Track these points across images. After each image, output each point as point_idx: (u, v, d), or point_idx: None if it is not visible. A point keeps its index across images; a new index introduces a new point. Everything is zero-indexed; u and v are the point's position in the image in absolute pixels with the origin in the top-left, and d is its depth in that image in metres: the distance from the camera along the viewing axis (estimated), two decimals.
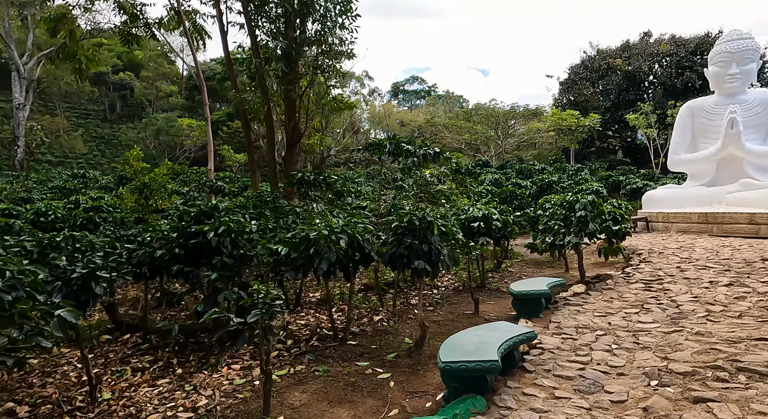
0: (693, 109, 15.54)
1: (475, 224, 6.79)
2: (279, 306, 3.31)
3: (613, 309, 5.31)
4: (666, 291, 5.81)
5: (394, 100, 73.38)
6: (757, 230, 12.12)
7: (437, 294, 7.14)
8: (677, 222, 13.66)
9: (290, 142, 11.75)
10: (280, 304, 3.37)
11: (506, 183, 18.99)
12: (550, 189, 14.72)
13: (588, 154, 34.94)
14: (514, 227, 7.23)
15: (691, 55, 29.05)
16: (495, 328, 3.84)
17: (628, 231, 6.89)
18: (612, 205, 10.26)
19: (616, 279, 6.76)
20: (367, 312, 6.13)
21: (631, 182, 20.02)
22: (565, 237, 6.92)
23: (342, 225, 4.69)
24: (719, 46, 14.76)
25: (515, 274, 8.71)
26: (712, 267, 6.90)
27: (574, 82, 35.26)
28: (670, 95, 28.01)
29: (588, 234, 6.75)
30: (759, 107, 14.23)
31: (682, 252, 9.13)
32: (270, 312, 3.18)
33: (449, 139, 35.57)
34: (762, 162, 14.19)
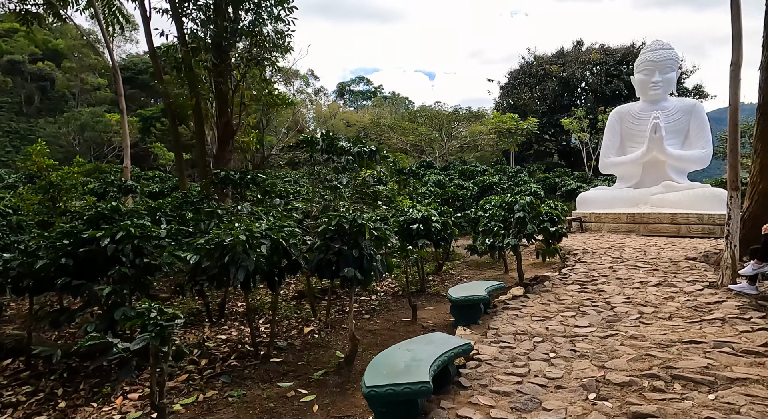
0: (621, 114, 16.39)
1: (414, 226, 6.52)
2: (177, 325, 2.80)
3: (550, 312, 5.21)
4: (600, 293, 5.83)
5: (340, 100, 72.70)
6: (678, 229, 12.90)
7: (375, 301, 6.80)
8: (608, 222, 14.28)
9: (222, 139, 10.96)
10: (179, 323, 2.86)
11: (449, 184, 19.13)
12: (491, 190, 14.91)
13: (527, 157, 36.29)
14: (454, 229, 7.05)
15: (618, 64, 30.98)
16: (429, 341, 3.53)
17: (565, 232, 6.91)
18: (549, 206, 10.46)
19: (553, 281, 6.75)
20: (297, 322, 5.66)
21: (566, 184, 20.89)
22: (504, 239, 6.83)
23: (265, 229, 4.21)
24: (644, 55, 15.66)
25: (456, 277, 8.57)
26: (642, 267, 7.08)
27: (513, 87, 36.50)
28: (600, 101, 29.70)
29: (526, 235, 6.70)
30: (679, 114, 15.23)
31: (613, 252, 9.42)
32: (162, 335, 2.66)
33: (394, 139, 35.53)
34: (681, 165, 15.21)
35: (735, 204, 5.45)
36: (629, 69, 29.93)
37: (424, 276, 7.36)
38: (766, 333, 3.79)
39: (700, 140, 15.03)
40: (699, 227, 12.68)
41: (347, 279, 3.84)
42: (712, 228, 12.64)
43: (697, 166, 15.36)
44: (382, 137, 36.07)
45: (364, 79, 79.36)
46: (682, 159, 14.94)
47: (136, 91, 47.38)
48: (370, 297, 7.03)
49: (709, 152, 14.99)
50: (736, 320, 4.20)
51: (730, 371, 3.08)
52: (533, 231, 6.57)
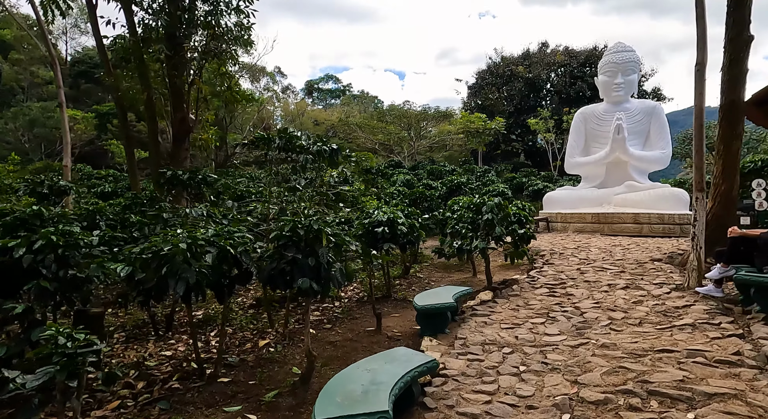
0: (585, 115, 16.65)
1: (379, 229, 6.21)
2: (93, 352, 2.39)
3: (519, 319, 5.02)
4: (569, 297, 5.70)
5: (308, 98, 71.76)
6: (640, 229, 13.15)
7: (338, 308, 6.46)
8: (574, 222, 14.43)
9: (177, 137, 10.33)
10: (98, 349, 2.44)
11: (417, 184, 18.96)
12: (459, 190, 14.81)
13: (494, 156, 36.72)
14: (421, 232, 6.79)
15: (582, 66, 31.75)
16: (391, 359, 3.23)
17: (533, 234, 6.77)
18: (517, 207, 10.39)
19: (521, 284, 6.60)
20: (253, 335, 5.25)
21: (533, 184, 21.12)
22: (472, 242, 6.63)
23: (211, 235, 3.81)
24: (607, 57, 15.95)
25: (423, 280, 8.33)
26: (609, 269, 7.04)
27: (481, 87, 36.84)
28: (565, 103, 30.34)
29: (495, 238, 6.51)
30: (640, 115, 15.59)
31: (580, 253, 9.43)
32: (72, 367, 2.24)
33: (363, 138, 35.20)
34: (642, 165, 15.57)
35: (701, 205, 5.42)
36: (592, 71, 30.71)
37: (389, 280, 7.07)
38: (737, 340, 3.69)
39: (660, 141, 15.43)
40: (660, 227, 12.96)
41: (302, 290, 3.49)
42: (672, 227, 12.95)
43: (657, 167, 15.77)
44: (350, 136, 35.64)
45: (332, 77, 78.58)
46: (644, 159, 15.30)
47: (91, 86, 44.99)
48: (333, 305, 6.68)
49: (668, 153, 15.42)
50: (706, 326, 4.11)
51: (706, 384, 2.93)
52: (502, 234, 6.39)
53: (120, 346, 5.08)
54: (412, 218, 8.23)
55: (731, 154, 6.22)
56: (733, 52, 6.13)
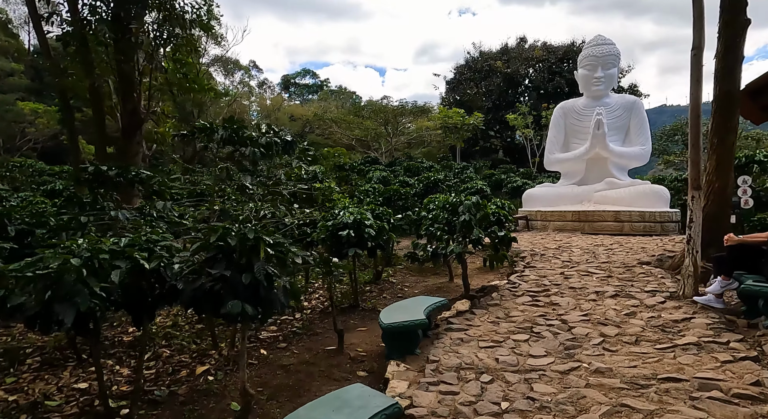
0: (565, 110, 16.29)
1: (344, 233, 5.53)
2: None
3: (500, 334, 4.43)
4: (554, 307, 5.15)
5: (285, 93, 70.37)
6: (621, 227, 12.83)
7: (298, 321, 5.76)
8: (554, 220, 14.05)
9: (127, 129, 9.41)
10: None
11: (394, 181, 18.33)
12: (436, 187, 14.25)
13: (473, 153, 36.39)
14: (392, 235, 6.14)
15: (560, 61, 31.64)
16: (341, 404, 2.57)
17: (514, 237, 6.20)
18: (496, 205, 9.85)
19: (501, 292, 6.03)
20: (192, 358, 4.50)
21: (512, 181, 20.76)
22: (448, 245, 6.02)
23: (125, 245, 3.07)
24: (587, 50, 15.60)
25: (396, 286, 7.70)
26: (594, 273, 6.54)
27: (459, 82, 36.43)
28: (543, 98, 30.17)
29: (472, 241, 5.91)
30: (620, 110, 15.29)
31: (562, 254, 8.96)
32: None
33: (339, 134, 34.36)
34: (622, 162, 15.30)
35: (697, 205, 4.92)
36: (570, 67, 30.63)
37: (357, 288, 6.39)
38: (752, 365, 3.16)
39: (640, 137, 15.18)
40: (641, 225, 12.67)
41: (231, 316, 2.79)
42: (653, 225, 12.68)
43: (637, 163, 15.54)
44: (326, 132, 34.76)
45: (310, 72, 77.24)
46: (624, 156, 15.02)
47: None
48: (293, 317, 5.96)
49: (648, 149, 15.19)
50: (713, 346, 3.58)
51: None
52: (480, 236, 5.79)
53: (30, 375, 4.27)
54: (383, 219, 7.60)
55: (725, 148, 5.77)
56: (728, 38, 5.66)
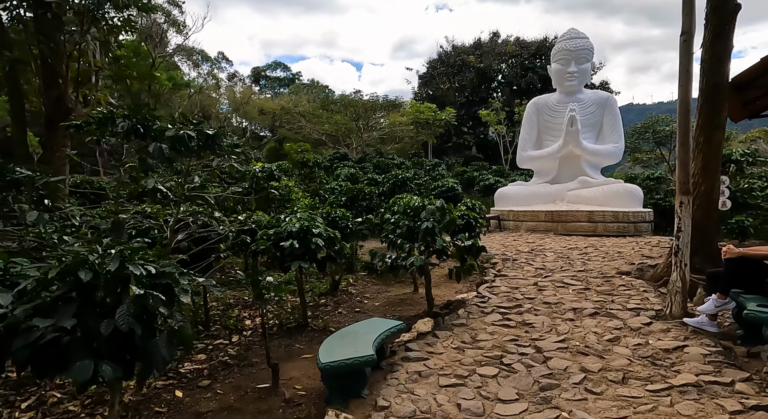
0: (538, 106, 15.87)
1: (286, 243, 4.74)
2: None
3: (464, 367, 3.76)
4: (527, 329, 4.51)
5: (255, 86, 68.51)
6: (594, 228, 12.46)
7: (234, 346, 4.94)
8: (527, 220, 13.59)
9: (51, 120, 8.28)
10: None
11: (363, 178, 17.56)
12: (405, 186, 13.56)
13: (445, 149, 35.95)
14: (344, 244, 5.38)
15: (533, 57, 31.46)
16: None
17: (483, 246, 5.55)
18: (466, 206, 9.21)
19: (469, 308, 5.37)
20: (82, 407, 3.64)
21: (485, 178, 20.31)
22: (409, 255, 5.31)
23: None
24: (560, 44, 15.18)
25: (355, 298, 6.96)
26: (571, 284, 5.96)
27: (432, 77, 35.86)
28: (517, 94, 29.92)
29: (436, 251, 5.22)
30: (593, 107, 14.95)
31: (535, 258, 8.42)
32: None
33: (309, 129, 33.25)
34: (596, 160, 14.98)
35: (686, 212, 4.35)
36: (543, 62, 30.48)
37: (305, 305, 5.61)
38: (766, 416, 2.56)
39: (613, 134, 14.89)
40: (615, 225, 12.33)
41: (79, 382, 1.98)
42: (626, 226, 12.36)
43: (610, 161, 15.27)
44: (295, 126, 33.58)
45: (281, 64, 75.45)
46: (597, 154, 14.70)
47: None
48: (229, 340, 5.14)
49: (621, 147, 14.92)
50: (716, 387, 2.98)
51: None
52: (444, 246, 5.11)
53: None
54: (340, 224, 6.84)
55: (712, 147, 5.26)
56: (717, 25, 5.14)
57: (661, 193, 15.79)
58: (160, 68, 23.43)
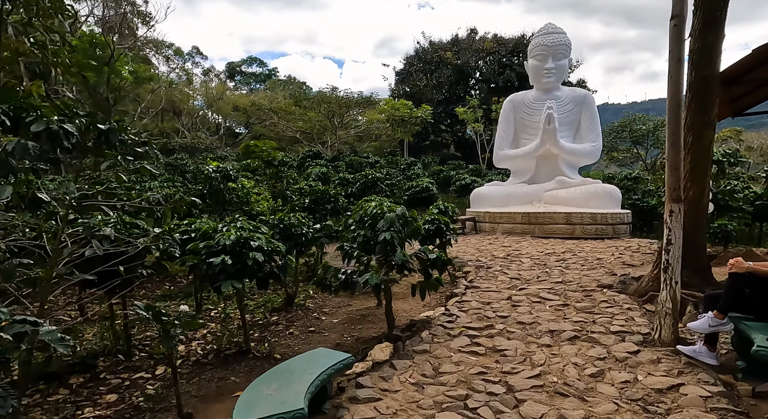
0: (515, 103, 15.40)
1: (216, 259, 4.02)
2: None
3: (423, 411, 3.12)
4: (498, 358, 3.91)
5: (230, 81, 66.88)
6: (572, 230, 12.05)
7: (157, 380, 4.20)
8: (503, 222, 13.10)
9: None
10: None
11: (335, 177, 16.83)
12: (375, 186, 12.88)
13: (423, 148, 35.42)
14: (290, 258, 4.68)
15: (511, 54, 31.17)
16: None
17: (449, 258, 4.93)
18: (438, 209, 8.61)
19: (434, 329, 4.75)
20: None
21: (461, 178, 19.82)
22: (367, 269, 4.65)
23: None
24: (537, 39, 14.74)
25: (311, 314, 6.27)
26: (548, 300, 5.40)
27: (409, 73, 35.25)
28: (494, 92, 29.58)
29: (397, 266, 4.57)
30: (571, 104, 14.57)
31: (510, 265, 7.88)
32: None
33: (282, 126, 32.21)
34: (573, 159, 14.60)
35: (677, 222, 3.81)
36: (521, 60, 30.20)
37: (247, 329, 4.89)
38: None
39: (591, 133, 14.53)
40: (593, 227, 11.94)
41: None
42: (605, 228, 11.99)
43: (588, 161, 14.92)
44: (267, 123, 32.51)
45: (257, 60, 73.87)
46: (575, 153, 14.32)
47: None
48: (152, 374, 4.38)
49: (599, 146, 14.58)
50: None
51: None
52: (405, 260, 4.46)
53: None
54: (296, 229, 6.13)
55: (702, 148, 4.75)
56: (707, 11, 4.63)
57: (638, 193, 15.55)
58: (121, 60, 22.12)
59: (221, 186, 9.22)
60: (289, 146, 37.31)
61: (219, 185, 9.13)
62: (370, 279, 4.25)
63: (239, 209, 9.32)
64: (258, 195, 10.63)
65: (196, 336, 5.45)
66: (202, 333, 5.58)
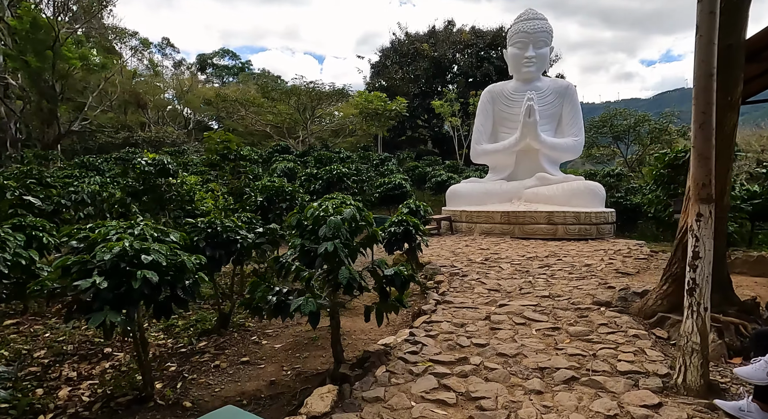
0: (493, 95, 14.54)
1: (86, 282, 2.90)
2: None
3: None
4: (473, 413, 2.92)
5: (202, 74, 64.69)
6: (555, 231, 11.25)
7: None
8: (481, 222, 12.22)
9: None
10: None
11: (301, 173, 15.66)
12: (341, 183, 11.78)
13: (400, 143, 34.46)
14: (201, 275, 3.58)
15: (489, 47, 30.43)
16: None
17: (412, 275, 3.92)
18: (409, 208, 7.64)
19: (393, 365, 3.75)
20: None
21: (437, 174, 18.90)
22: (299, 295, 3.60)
23: None
24: (516, 26, 13.88)
25: (249, 337, 5.19)
26: (534, 321, 4.45)
27: (384, 66, 34.18)
28: (472, 86, 28.78)
29: (344, 286, 3.52)
30: (552, 96, 13.79)
31: (489, 273, 6.96)
32: None
33: (251, 120, 30.69)
34: (555, 154, 13.84)
35: (706, 229, 2.90)
36: (499, 53, 29.50)
37: (148, 368, 3.77)
38: None
39: (573, 127, 13.78)
40: (576, 227, 11.16)
41: None
42: (588, 227, 11.23)
43: (570, 156, 14.20)
44: (235, 116, 30.93)
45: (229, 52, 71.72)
46: (556, 148, 13.54)
47: None
48: None
49: (581, 141, 13.84)
50: None
51: None
52: (352, 278, 3.43)
53: None
54: (228, 235, 5.02)
55: (725, 134, 3.87)
56: None
57: (621, 190, 14.94)
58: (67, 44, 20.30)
59: (158, 182, 8.00)
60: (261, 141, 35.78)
61: (155, 180, 7.91)
62: (304, 307, 3.20)
63: (180, 208, 8.12)
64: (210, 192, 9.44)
65: (93, 372, 4.30)
66: (103, 367, 4.44)
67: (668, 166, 9.09)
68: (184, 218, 7.80)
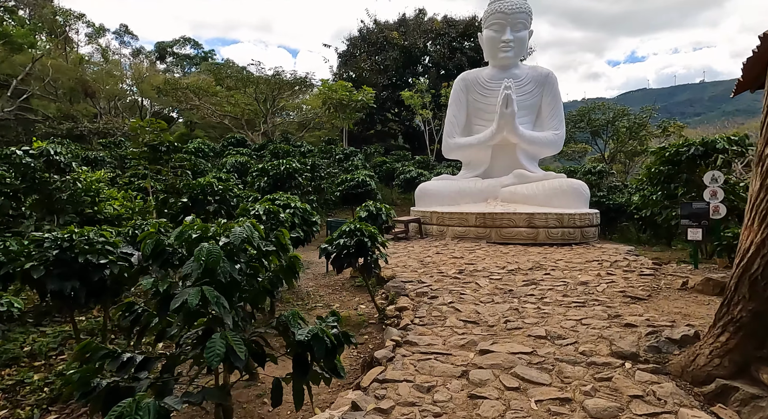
0: (467, 83, 13.26)
1: None
2: None
3: None
4: None
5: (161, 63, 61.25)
6: (536, 235, 10.07)
7: None
8: (453, 224, 10.93)
9: None
10: None
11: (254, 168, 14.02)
12: (291, 180, 10.25)
13: (369, 137, 32.97)
14: None
15: (461, 37, 29.28)
16: None
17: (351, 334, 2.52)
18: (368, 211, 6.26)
19: None
20: None
21: (406, 171, 17.56)
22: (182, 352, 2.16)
23: None
24: (493, 5, 12.64)
25: None
26: (533, 385, 3.11)
27: (353, 55, 32.54)
28: (444, 78, 27.57)
29: (225, 354, 2.07)
30: (531, 85, 12.63)
31: (464, 292, 5.65)
32: None
33: (206, 110, 28.51)
34: (533, 149, 12.71)
35: None
36: (472, 43, 28.39)
37: None
38: None
39: (553, 119, 12.68)
40: (559, 231, 10.02)
41: None
42: (572, 231, 10.11)
43: (550, 151, 13.11)
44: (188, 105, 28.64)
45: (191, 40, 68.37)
46: (535, 142, 12.41)
47: None
48: None
49: (562, 135, 12.76)
50: None
51: None
52: (241, 341, 2.00)
53: None
54: (89, 256, 3.48)
55: None
56: None
57: (603, 189, 13.98)
58: None
59: (47, 178, 6.30)
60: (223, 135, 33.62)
61: (41, 177, 6.21)
62: (141, 414, 1.74)
63: (76, 212, 6.45)
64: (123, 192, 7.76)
65: None
66: None
67: (668, 163, 8.01)
68: (78, 223, 6.18)
